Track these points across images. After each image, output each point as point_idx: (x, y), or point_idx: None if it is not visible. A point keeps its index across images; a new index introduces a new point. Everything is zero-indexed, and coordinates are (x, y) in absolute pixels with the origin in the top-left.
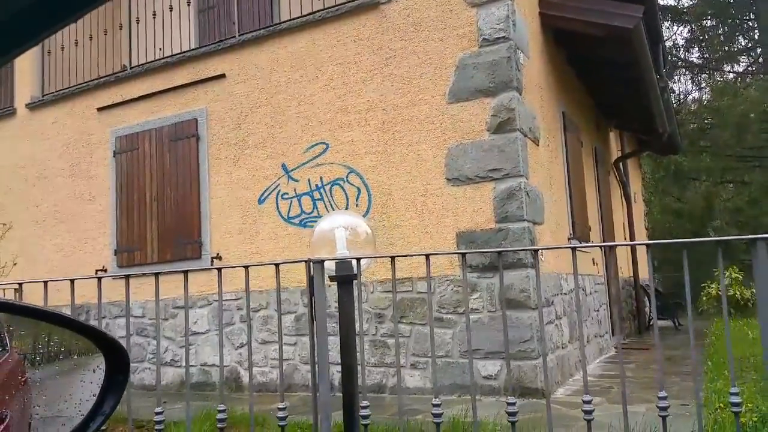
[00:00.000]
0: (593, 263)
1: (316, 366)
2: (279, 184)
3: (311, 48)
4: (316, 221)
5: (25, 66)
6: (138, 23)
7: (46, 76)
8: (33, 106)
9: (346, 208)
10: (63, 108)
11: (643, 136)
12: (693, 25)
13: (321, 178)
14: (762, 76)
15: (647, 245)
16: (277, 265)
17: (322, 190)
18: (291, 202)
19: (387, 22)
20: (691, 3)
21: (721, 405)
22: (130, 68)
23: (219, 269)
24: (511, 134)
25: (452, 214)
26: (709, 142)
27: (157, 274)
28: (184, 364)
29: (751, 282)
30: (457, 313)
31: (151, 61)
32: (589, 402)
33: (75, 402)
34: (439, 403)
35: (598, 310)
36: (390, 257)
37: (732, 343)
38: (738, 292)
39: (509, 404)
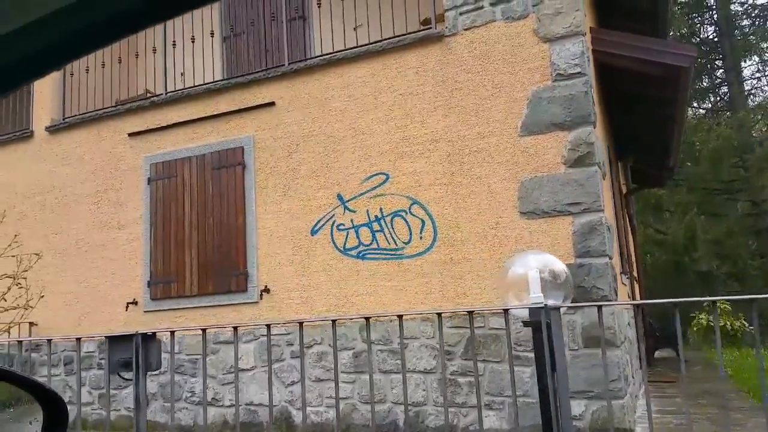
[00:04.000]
0: (629, 297)
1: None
2: (334, 215)
3: (369, 78)
4: (375, 253)
5: (45, 87)
6: (174, 47)
7: (68, 98)
8: (53, 129)
9: (409, 241)
10: (88, 132)
11: (652, 170)
12: None
13: (381, 209)
14: (729, 113)
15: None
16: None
17: (382, 222)
18: (348, 233)
19: (452, 54)
20: None
21: None
22: (166, 93)
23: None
24: (590, 168)
25: (527, 248)
26: (683, 176)
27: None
28: (226, 403)
29: (740, 313)
30: None
31: (191, 87)
32: None
33: None
34: None
35: (633, 343)
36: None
37: (749, 376)
38: (728, 323)
39: None
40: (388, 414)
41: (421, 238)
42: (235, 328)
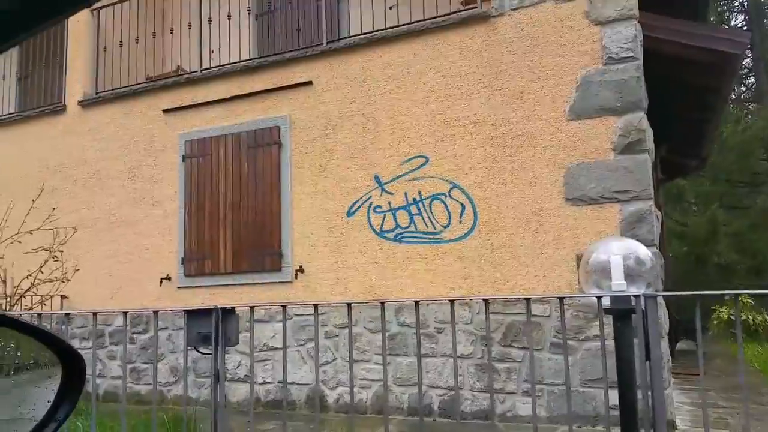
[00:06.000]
0: None
1: (652, 414)
2: (371, 197)
3: (410, 58)
4: (413, 236)
5: (79, 61)
6: (210, 23)
7: (101, 72)
8: (86, 104)
9: (448, 224)
10: (121, 107)
11: (682, 161)
12: None
13: (419, 192)
14: (754, 104)
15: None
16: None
17: (420, 205)
18: (384, 215)
19: (497, 35)
20: None
21: None
22: (201, 70)
23: (316, 306)
24: (641, 155)
25: (572, 236)
26: (706, 167)
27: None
28: (258, 380)
29: (763, 308)
30: (577, 340)
31: (227, 64)
32: None
33: (30, 407)
34: None
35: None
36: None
37: None
38: (750, 317)
39: None
40: (422, 397)
41: (460, 222)
42: (316, 306)
